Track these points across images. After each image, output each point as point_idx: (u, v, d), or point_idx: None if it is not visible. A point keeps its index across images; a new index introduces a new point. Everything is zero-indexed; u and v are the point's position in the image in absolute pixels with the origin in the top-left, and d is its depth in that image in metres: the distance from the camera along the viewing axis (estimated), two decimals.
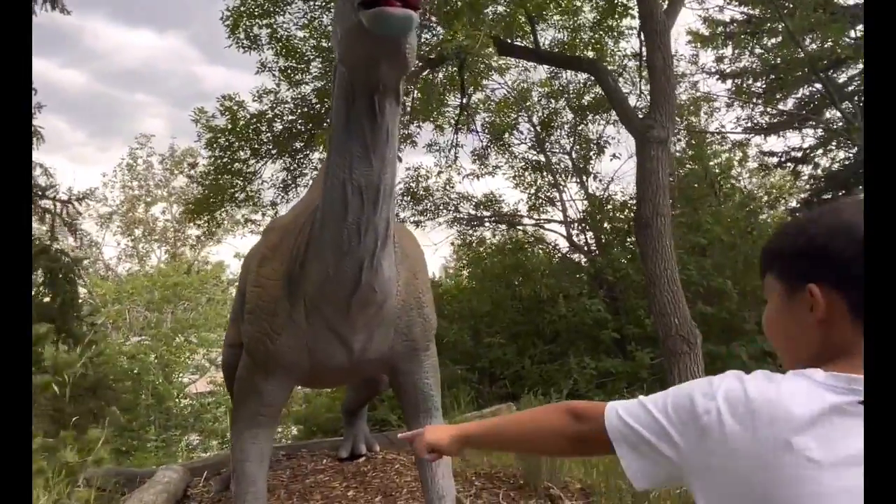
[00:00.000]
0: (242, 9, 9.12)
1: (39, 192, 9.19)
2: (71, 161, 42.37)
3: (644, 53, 7.19)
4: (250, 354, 3.56)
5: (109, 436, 10.07)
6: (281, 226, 3.81)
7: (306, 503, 4.72)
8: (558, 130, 13.13)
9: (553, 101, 12.96)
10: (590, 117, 12.61)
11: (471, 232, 13.86)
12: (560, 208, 12.69)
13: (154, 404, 13.88)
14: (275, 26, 9.40)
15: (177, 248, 27.86)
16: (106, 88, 45.16)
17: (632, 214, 11.49)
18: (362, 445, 5.91)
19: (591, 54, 9.84)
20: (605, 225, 11.59)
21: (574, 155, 12.95)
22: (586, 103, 12.53)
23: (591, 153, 12.64)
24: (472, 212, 13.66)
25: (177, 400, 14.86)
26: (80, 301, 9.20)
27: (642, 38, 7.35)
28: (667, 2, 7.11)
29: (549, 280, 10.64)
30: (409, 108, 9.80)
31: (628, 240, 11.07)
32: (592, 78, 12.33)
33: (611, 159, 12.51)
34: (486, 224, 13.82)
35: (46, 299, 8.73)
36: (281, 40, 9.59)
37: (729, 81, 13.47)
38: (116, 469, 6.15)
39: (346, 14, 2.02)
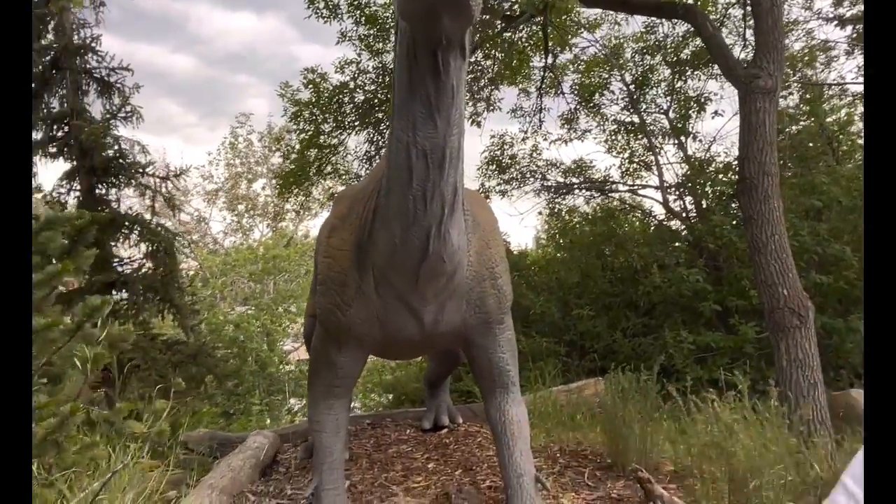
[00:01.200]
0: None
1: (140, 170, 9.66)
2: (184, 141, 45.18)
3: None
4: (323, 326, 3.56)
5: (210, 401, 10.66)
6: (350, 194, 3.72)
7: (387, 473, 4.68)
8: (654, 89, 12.30)
9: (648, 57, 12.12)
10: (689, 73, 11.69)
11: (559, 200, 13.36)
12: (656, 172, 11.94)
13: (258, 370, 14.57)
14: None
15: (277, 222, 29.05)
16: (212, 71, 47.57)
17: (736, 176, 10.63)
18: (445, 417, 5.86)
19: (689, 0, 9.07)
20: (707, 189, 10.77)
21: (672, 114, 12.10)
22: (685, 58, 11.63)
23: (691, 111, 11.75)
24: (561, 179, 13.15)
25: (279, 366, 15.55)
26: (181, 272, 9.64)
27: None
28: None
29: (643, 249, 10.05)
30: (490, 72, 9.44)
31: (732, 205, 10.25)
32: (692, 29, 11.47)
33: (713, 117, 11.59)
34: (576, 192, 13.27)
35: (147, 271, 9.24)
36: (360, 8, 9.48)
37: (849, 28, 12.04)
38: (212, 433, 6.39)
39: None
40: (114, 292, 9.40)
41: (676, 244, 10.54)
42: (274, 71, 48.56)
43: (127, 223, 9.32)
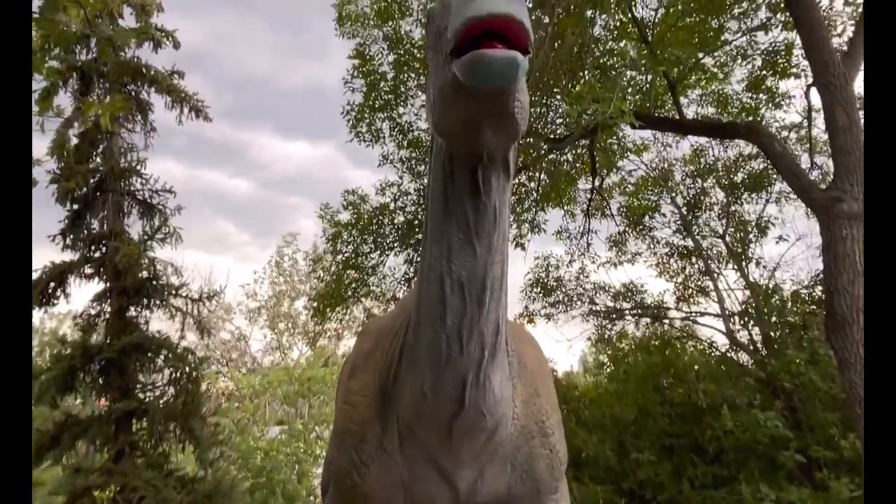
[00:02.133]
0: (366, 104, 9.15)
1: (172, 291, 9.39)
2: (237, 260, 46.66)
3: (808, 111, 6.01)
4: (336, 488, 3.01)
5: None
6: (377, 328, 3.20)
7: None
8: (707, 212, 11.72)
9: (700, 179, 11.66)
10: (745, 196, 11.12)
11: (609, 326, 12.53)
12: (715, 299, 11.09)
13: None
14: (396, 118, 9.29)
15: (316, 342, 28.69)
16: (267, 194, 50.07)
17: (808, 308, 9.71)
18: None
19: (740, 119, 8.65)
20: (774, 319, 9.83)
21: (728, 238, 11.41)
22: (739, 181, 11.11)
23: (751, 236, 11.05)
24: (611, 304, 12.39)
25: (307, 499, 14.47)
26: (208, 397, 9.05)
27: (809, 96, 6.16)
28: (845, 46, 5.91)
29: (708, 385, 9.03)
30: (535, 194, 9.07)
31: (805, 336, 9.27)
32: (744, 153, 11.04)
33: (776, 242, 10.83)
34: (627, 317, 12.45)
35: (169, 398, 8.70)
36: (403, 132, 9.44)
37: None
38: None
39: (439, 70, 1.74)
40: (134, 421, 8.84)
41: (745, 380, 9.46)
42: (325, 193, 50.88)
43: (154, 346, 8.92)
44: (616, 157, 10.80)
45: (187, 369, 8.68)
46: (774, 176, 10.08)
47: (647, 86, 6.80)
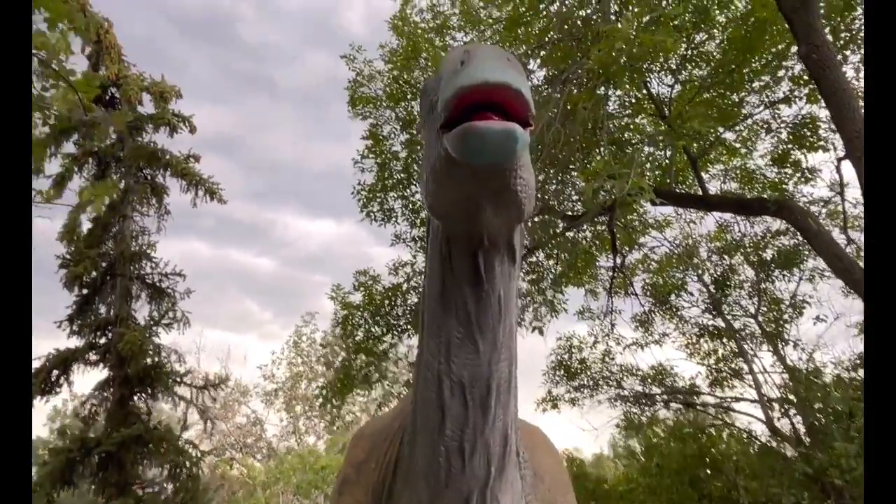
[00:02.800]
0: (378, 184, 9.01)
1: (177, 379, 9.03)
2: (261, 339, 46.62)
3: (840, 184, 5.63)
4: None
5: None
6: (371, 433, 2.86)
7: None
8: (737, 290, 11.16)
9: (727, 256, 11.18)
10: (776, 273, 10.58)
11: (638, 412, 11.78)
12: (751, 383, 10.37)
13: None
14: (408, 197, 9.11)
15: (333, 425, 27.79)
16: (291, 271, 50.70)
17: (852, 392, 8.96)
18: None
19: (766, 195, 8.28)
20: (817, 406, 9.07)
21: (761, 318, 10.79)
22: (769, 257, 10.61)
23: (785, 315, 10.43)
24: (639, 387, 11.68)
25: None
26: (212, 493, 8.50)
27: (840, 170, 5.79)
28: None
29: (750, 482, 8.23)
30: (553, 273, 8.67)
31: (852, 425, 8.48)
32: (772, 229, 10.59)
33: (814, 322, 10.16)
34: (658, 402, 11.70)
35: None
36: (415, 210, 9.22)
37: None
38: None
39: (431, 146, 1.59)
40: None
41: (793, 474, 8.62)
42: (347, 269, 51.08)
43: (154, 439, 8.48)
44: (637, 234, 10.43)
45: (187, 464, 8.18)
46: (807, 252, 9.58)
47: (667, 161, 6.52)
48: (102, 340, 9.16)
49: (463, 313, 1.78)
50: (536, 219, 7.13)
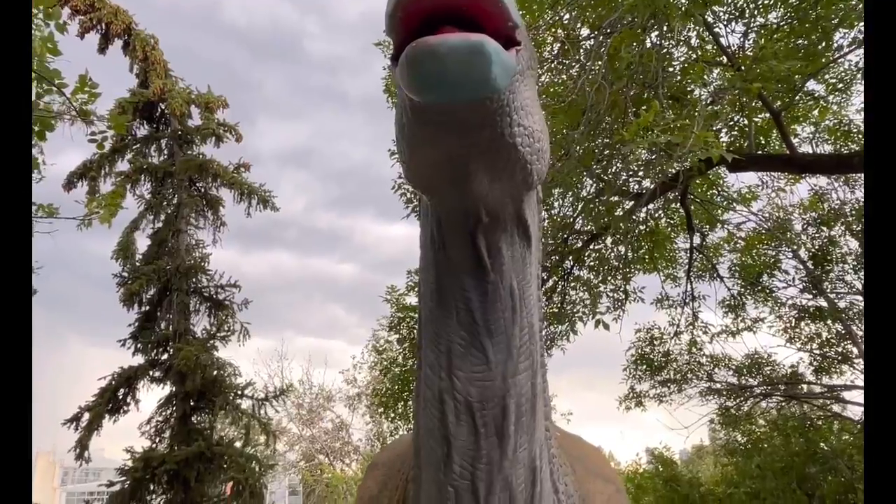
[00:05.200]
0: None
1: (239, 392, 8.86)
2: (349, 343, 48.31)
3: None
4: None
5: None
6: (386, 461, 2.49)
7: None
8: (840, 265, 9.90)
9: (825, 227, 9.93)
10: None
11: (731, 405, 10.72)
12: (863, 368, 9.13)
13: None
14: None
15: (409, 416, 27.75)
16: (372, 276, 52.30)
17: None
18: None
19: None
20: None
21: None
22: None
23: None
24: (733, 379, 10.61)
25: None
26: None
27: None
28: None
29: None
30: (625, 259, 7.84)
31: None
32: None
33: None
34: (756, 394, 10.60)
35: None
36: None
37: None
38: None
39: (398, 95, 1.18)
40: None
41: None
42: None
43: (217, 455, 8.32)
44: (718, 209, 9.39)
45: (249, 481, 7.96)
46: None
47: (743, 118, 5.54)
48: (164, 357, 9.13)
49: (465, 313, 1.43)
50: (597, 200, 6.40)
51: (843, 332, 9.85)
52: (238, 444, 8.45)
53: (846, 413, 9.93)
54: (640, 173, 5.80)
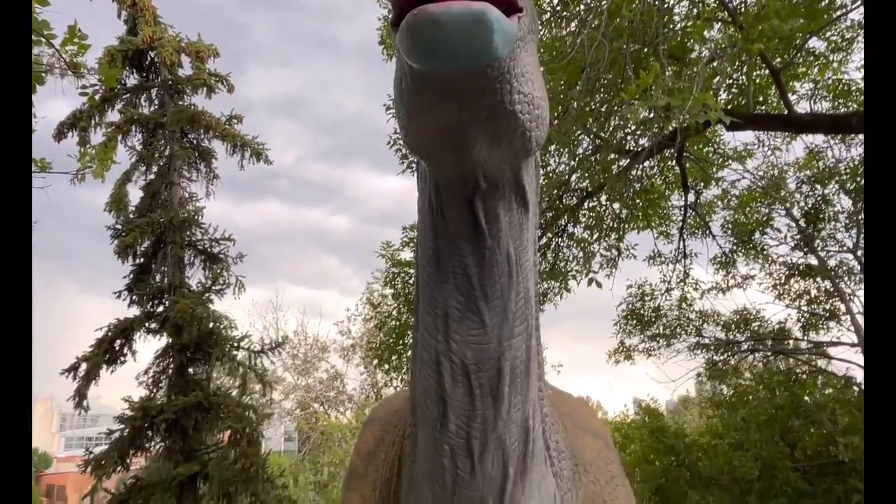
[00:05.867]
0: None
1: (234, 344, 8.96)
2: (343, 294, 48.50)
3: None
4: None
5: None
6: (383, 416, 2.53)
7: None
8: (831, 223, 9.97)
9: (819, 185, 9.96)
10: None
11: (718, 360, 10.94)
12: (850, 326, 9.31)
13: None
14: None
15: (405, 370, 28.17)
16: (366, 228, 51.99)
17: None
18: None
19: None
20: None
21: (861, 253, 9.60)
22: None
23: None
24: (721, 335, 10.80)
25: None
26: (264, 463, 8.47)
27: None
28: None
29: (851, 438, 7.35)
30: (617, 216, 7.86)
31: None
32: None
33: None
34: (744, 349, 10.81)
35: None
36: None
37: None
38: None
39: (398, 60, 1.17)
40: (199, 483, 8.39)
41: None
42: None
43: (214, 405, 8.48)
44: (714, 167, 9.37)
45: (246, 430, 8.13)
46: None
47: (742, 77, 5.49)
48: (160, 309, 9.18)
49: (462, 278, 1.45)
50: (593, 159, 6.37)
51: (832, 289, 9.99)
52: (235, 394, 8.58)
53: (830, 368, 10.14)
54: (638, 132, 5.76)
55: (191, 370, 8.82)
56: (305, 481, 20.73)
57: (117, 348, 8.99)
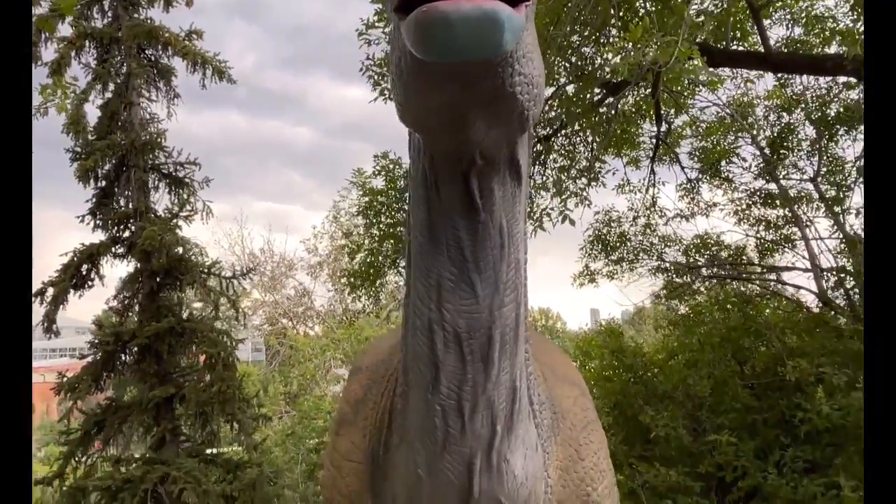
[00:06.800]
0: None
1: (204, 271, 8.91)
2: (307, 208, 47.65)
3: None
4: None
5: None
6: (371, 364, 2.60)
7: None
8: (794, 152, 10.18)
9: (785, 114, 10.09)
10: (841, 132, 9.51)
11: (679, 281, 11.38)
12: (804, 253, 9.73)
13: None
14: None
15: (378, 297, 28.43)
16: (330, 141, 50.52)
17: None
18: None
19: (842, 50, 7.14)
20: None
21: (820, 181, 9.89)
22: (833, 115, 9.49)
23: (848, 180, 9.50)
24: (682, 259, 11.18)
25: None
26: (240, 385, 8.65)
27: None
28: None
29: (799, 360, 7.83)
30: (589, 145, 7.90)
31: None
32: (839, 81, 9.36)
33: None
34: (702, 273, 11.24)
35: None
36: None
37: None
38: None
39: (395, 38, 1.19)
40: (176, 405, 8.57)
41: (842, 349, 8.19)
42: (387, 136, 50.41)
43: (187, 331, 8.52)
44: (686, 96, 9.38)
45: (221, 354, 8.25)
46: None
47: (723, 10, 5.46)
48: (126, 234, 9.00)
49: (455, 250, 1.50)
50: (569, 88, 6.32)
51: (790, 216, 10.32)
52: (208, 321, 8.62)
53: (784, 292, 10.64)
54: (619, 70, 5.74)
55: (161, 295, 8.78)
56: (275, 391, 21.17)
57: (84, 273, 8.86)
